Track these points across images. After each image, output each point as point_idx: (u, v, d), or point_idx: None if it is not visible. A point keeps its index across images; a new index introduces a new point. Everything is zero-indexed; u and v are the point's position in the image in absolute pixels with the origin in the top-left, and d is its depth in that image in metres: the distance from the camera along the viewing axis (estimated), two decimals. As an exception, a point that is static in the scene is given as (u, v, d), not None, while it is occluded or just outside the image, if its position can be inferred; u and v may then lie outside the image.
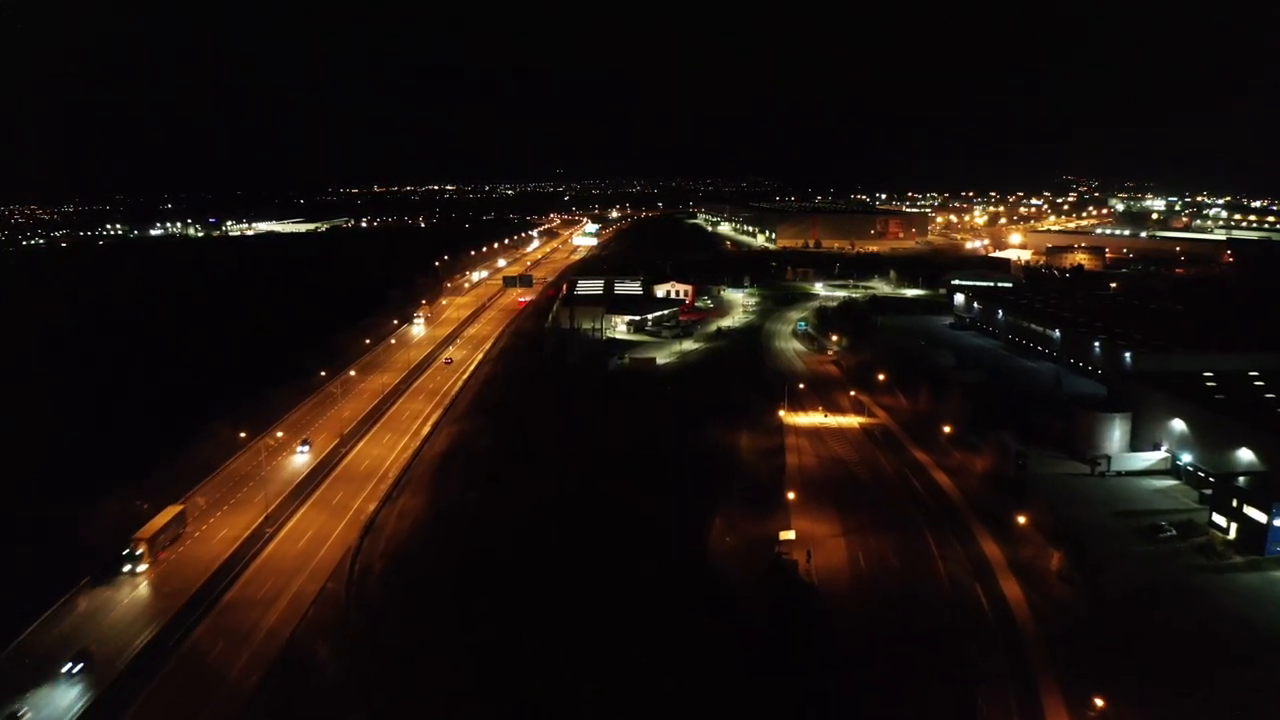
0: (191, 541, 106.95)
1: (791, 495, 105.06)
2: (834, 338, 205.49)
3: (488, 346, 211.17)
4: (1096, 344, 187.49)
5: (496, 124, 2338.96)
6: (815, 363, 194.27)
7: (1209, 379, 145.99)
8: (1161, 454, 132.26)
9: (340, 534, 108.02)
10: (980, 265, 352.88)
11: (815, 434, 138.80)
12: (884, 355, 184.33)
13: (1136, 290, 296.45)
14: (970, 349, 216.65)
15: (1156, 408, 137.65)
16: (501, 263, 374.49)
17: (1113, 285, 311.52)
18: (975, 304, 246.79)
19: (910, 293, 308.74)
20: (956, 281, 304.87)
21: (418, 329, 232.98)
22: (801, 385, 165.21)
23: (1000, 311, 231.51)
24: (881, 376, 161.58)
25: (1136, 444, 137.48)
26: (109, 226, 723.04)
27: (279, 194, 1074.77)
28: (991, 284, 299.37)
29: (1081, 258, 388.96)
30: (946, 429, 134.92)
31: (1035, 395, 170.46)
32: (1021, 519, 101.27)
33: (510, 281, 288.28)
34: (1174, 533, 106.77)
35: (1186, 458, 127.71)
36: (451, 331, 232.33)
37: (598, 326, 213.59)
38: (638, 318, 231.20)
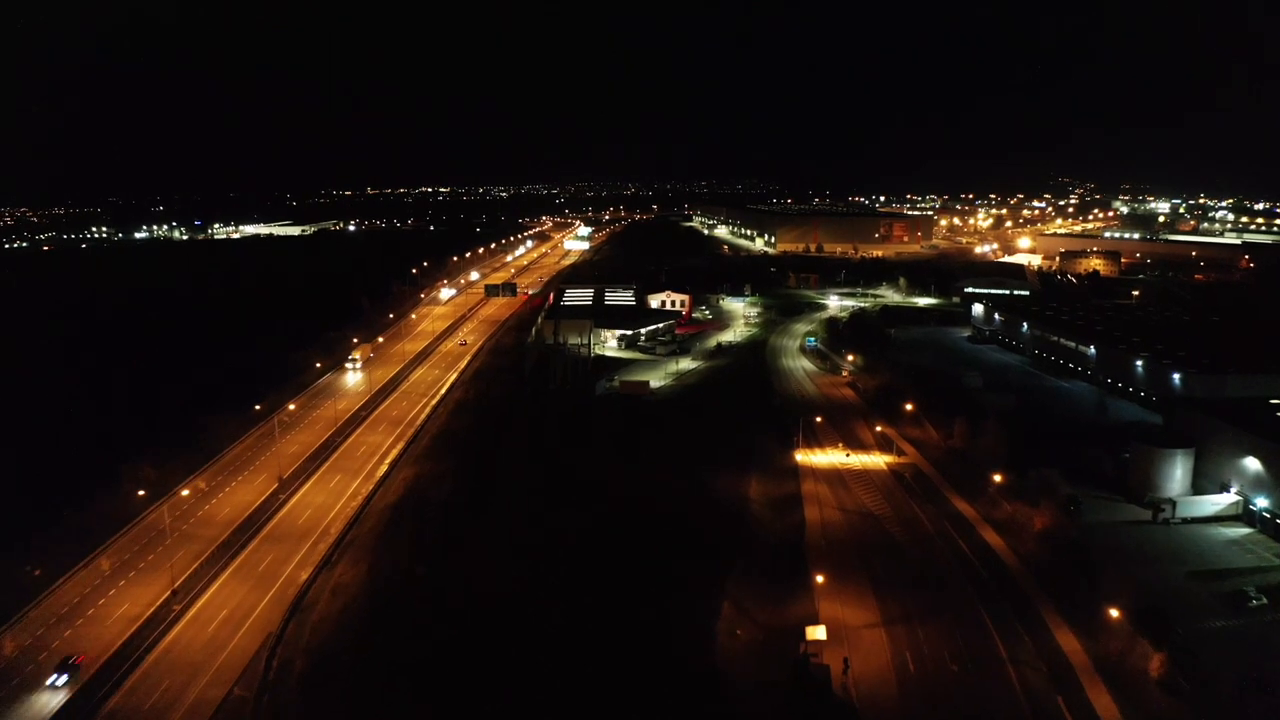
0: (83, 622, 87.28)
1: (820, 579, 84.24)
2: (849, 357, 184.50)
3: (463, 365, 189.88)
4: (1139, 363, 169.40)
5: (491, 126, 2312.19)
6: (828, 385, 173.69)
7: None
8: (1231, 497, 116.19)
9: (262, 613, 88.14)
10: (994, 272, 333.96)
11: (836, 478, 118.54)
12: (905, 377, 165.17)
13: (1159, 298, 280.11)
14: (993, 366, 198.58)
15: (1224, 442, 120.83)
16: (475, 276, 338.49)
17: (1135, 293, 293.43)
18: (996, 315, 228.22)
19: (922, 301, 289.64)
20: (970, 289, 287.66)
21: (352, 377, 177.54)
22: (818, 418, 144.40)
23: (1025, 324, 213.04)
24: (910, 406, 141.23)
25: (1199, 484, 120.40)
26: (94, 230, 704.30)
27: (272, 196, 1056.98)
28: (1008, 292, 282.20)
29: (1097, 263, 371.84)
30: (990, 471, 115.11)
31: (1078, 423, 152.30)
32: (1093, 594, 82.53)
33: (492, 290, 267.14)
34: (1264, 601, 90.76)
35: (1262, 502, 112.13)
36: (424, 348, 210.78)
37: (585, 342, 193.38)
38: (629, 332, 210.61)
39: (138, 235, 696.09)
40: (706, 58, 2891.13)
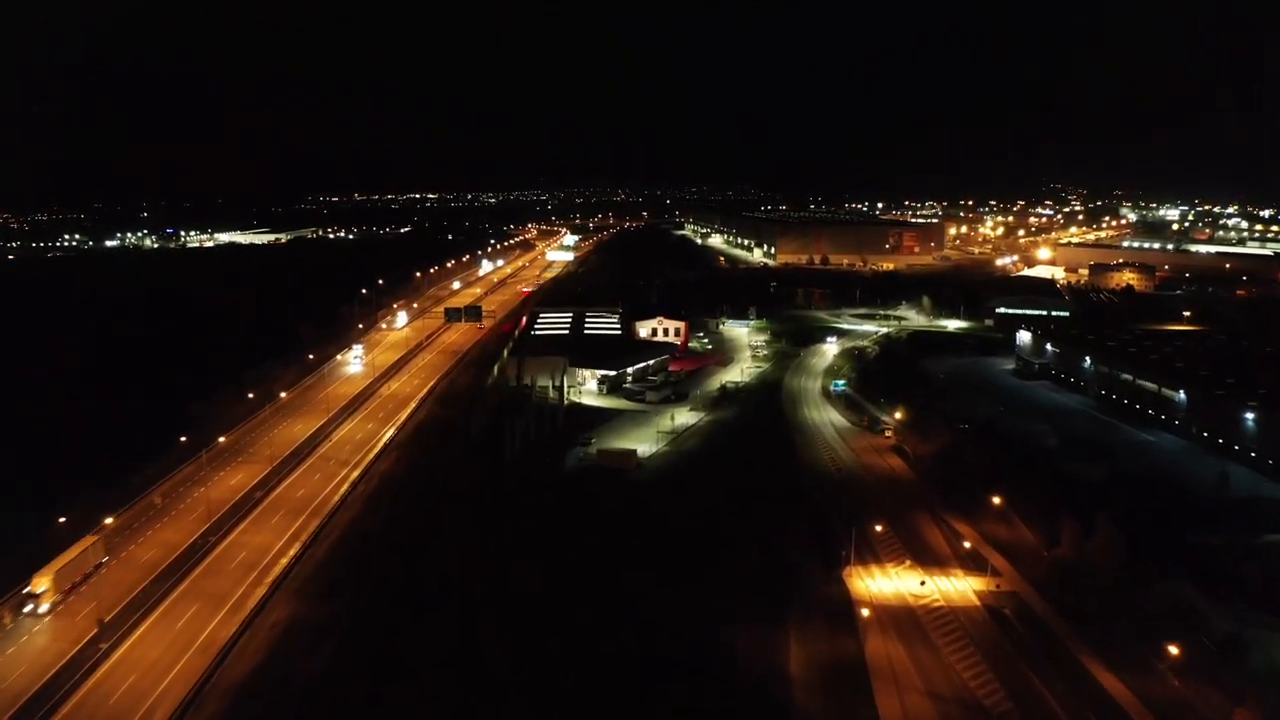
0: None
1: None
2: (896, 414, 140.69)
3: (404, 416, 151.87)
4: (1249, 416, 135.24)
5: (491, 126, 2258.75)
6: (868, 450, 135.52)
7: None
8: None
9: None
10: (1023, 288, 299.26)
11: (910, 623, 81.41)
12: (964, 436, 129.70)
13: (1210, 318, 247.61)
14: (1050, 410, 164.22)
15: None
16: (403, 315, 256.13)
17: (1186, 314, 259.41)
18: (1047, 346, 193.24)
19: (951, 324, 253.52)
20: (1004, 310, 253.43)
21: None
22: (877, 527, 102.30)
23: (1088, 359, 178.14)
24: (998, 500, 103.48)
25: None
26: (66, 237, 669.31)
27: (259, 201, 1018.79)
28: (1045, 313, 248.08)
29: (1130, 277, 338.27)
30: (1145, 621, 78.78)
31: (1186, 496, 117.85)
32: None
33: (453, 314, 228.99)
34: None
35: None
36: (363, 389, 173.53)
37: (557, 386, 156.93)
38: (613, 372, 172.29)
39: (109, 243, 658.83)
40: (706, 58, 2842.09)
